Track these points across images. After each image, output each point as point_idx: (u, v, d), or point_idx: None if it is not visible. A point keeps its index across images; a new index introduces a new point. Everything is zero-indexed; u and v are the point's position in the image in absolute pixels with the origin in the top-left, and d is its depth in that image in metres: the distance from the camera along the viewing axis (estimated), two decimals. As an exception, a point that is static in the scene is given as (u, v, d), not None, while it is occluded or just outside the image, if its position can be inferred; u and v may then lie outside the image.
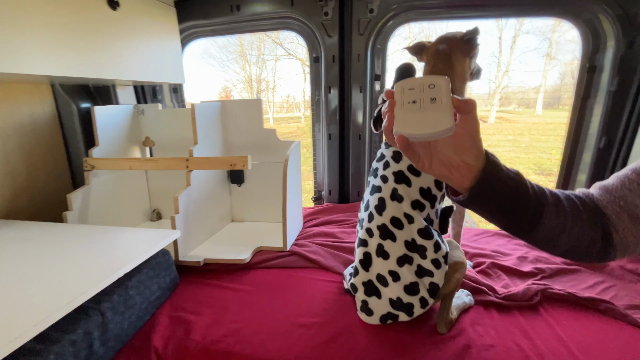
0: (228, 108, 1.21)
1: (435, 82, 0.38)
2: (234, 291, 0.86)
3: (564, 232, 0.44)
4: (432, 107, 0.37)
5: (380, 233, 0.73)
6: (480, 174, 0.42)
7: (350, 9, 1.18)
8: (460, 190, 0.44)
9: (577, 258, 0.48)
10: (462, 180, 0.43)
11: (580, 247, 0.46)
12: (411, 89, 0.39)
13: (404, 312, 0.70)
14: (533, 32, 8.92)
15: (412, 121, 0.38)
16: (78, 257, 0.72)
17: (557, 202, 0.44)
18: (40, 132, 1.09)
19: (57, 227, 0.90)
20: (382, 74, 1.28)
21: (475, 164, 0.42)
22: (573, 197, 0.46)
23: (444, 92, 0.38)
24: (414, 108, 0.38)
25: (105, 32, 0.96)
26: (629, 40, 0.97)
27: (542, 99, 10.66)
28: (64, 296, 0.57)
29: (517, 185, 0.43)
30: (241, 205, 1.31)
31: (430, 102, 0.38)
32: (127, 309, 0.71)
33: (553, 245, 0.46)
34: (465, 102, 0.38)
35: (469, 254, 1.05)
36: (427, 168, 0.43)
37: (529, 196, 0.43)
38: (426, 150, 0.42)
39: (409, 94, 0.39)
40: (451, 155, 0.42)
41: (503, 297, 0.82)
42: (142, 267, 0.77)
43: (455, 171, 0.42)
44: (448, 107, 0.37)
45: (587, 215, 0.45)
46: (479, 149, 0.41)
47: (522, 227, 0.45)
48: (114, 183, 1.17)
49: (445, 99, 0.37)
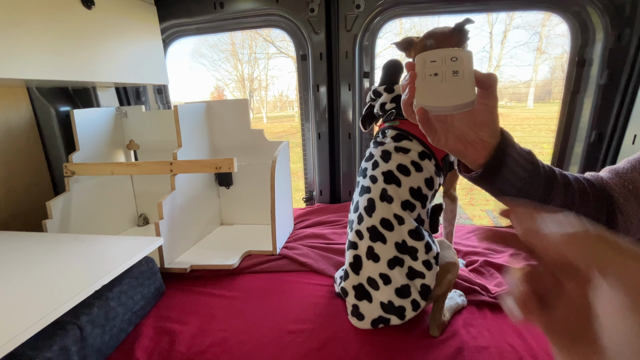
0: (214, 109, 1.18)
1: (458, 55, 0.37)
2: (221, 298, 0.84)
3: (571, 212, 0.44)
4: (454, 80, 0.37)
5: (370, 235, 0.71)
6: (494, 151, 0.42)
7: (336, 5, 1.15)
8: (473, 167, 0.44)
9: None
10: (477, 157, 0.42)
11: None
12: (433, 61, 0.38)
13: (395, 315, 0.69)
14: (523, 27, 8.96)
15: (433, 93, 0.37)
16: (54, 269, 0.69)
17: (566, 183, 0.45)
18: (17, 138, 1.05)
19: (34, 237, 0.86)
20: (371, 71, 1.26)
21: (491, 141, 0.41)
22: (582, 179, 0.47)
23: (466, 65, 0.37)
24: (436, 80, 0.37)
25: (81, 32, 0.92)
26: (618, 32, 0.96)
27: (533, 93, 10.76)
28: (36, 312, 0.54)
29: (529, 164, 0.43)
30: (230, 208, 1.28)
31: (452, 75, 0.37)
32: (108, 321, 0.68)
33: None
34: (488, 76, 0.38)
35: (461, 252, 1.04)
36: (442, 143, 0.42)
37: (540, 175, 0.43)
38: (443, 125, 0.42)
39: (431, 66, 0.38)
40: (467, 131, 0.41)
41: (496, 296, 0.80)
42: (124, 277, 0.74)
43: (470, 147, 0.42)
44: (470, 80, 0.36)
45: (594, 196, 0.45)
46: (496, 126, 0.41)
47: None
48: (97, 189, 1.14)
49: (467, 72, 0.37)
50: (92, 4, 0.92)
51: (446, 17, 1.19)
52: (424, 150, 0.76)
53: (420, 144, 0.76)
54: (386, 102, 0.82)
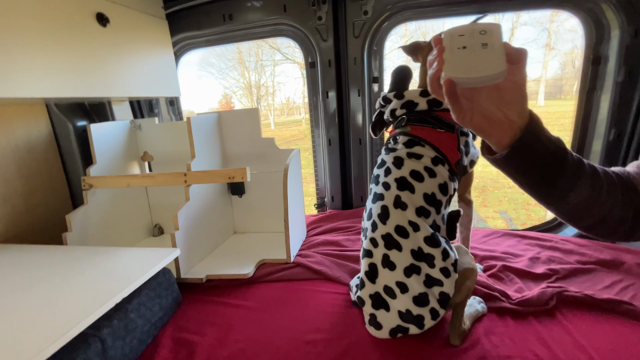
0: (225, 119, 1.19)
1: (487, 29, 0.37)
2: (237, 308, 0.84)
3: (596, 204, 0.43)
4: (484, 52, 0.36)
5: (385, 243, 0.71)
6: (521, 132, 0.40)
7: (344, 12, 1.16)
8: (498, 148, 0.43)
9: (602, 233, 0.47)
10: (502, 137, 0.41)
11: (608, 222, 0.44)
12: (461, 35, 0.37)
13: (414, 324, 0.67)
14: (531, 24, 8.84)
15: (462, 65, 0.37)
16: (75, 282, 0.70)
17: (594, 173, 0.43)
18: (37, 153, 1.08)
19: (54, 250, 0.88)
20: (380, 76, 1.26)
21: (518, 121, 0.40)
22: (610, 172, 0.45)
23: (496, 37, 0.36)
24: (465, 53, 0.37)
25: (97, 49, 0.95)
26: (634, 28, 0.93)
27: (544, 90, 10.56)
28: (60, 326, 0.55)
29: (557, 149, 0.41)
30: (243, 216, 1.29)
31: (482, 47, 0.36)
32: (128, 333, 0.69)
33: (580, 217, 0.45)
34: (518, 51, 0.37)
35: (478, 256, 1.02)
36: (467, 121, 0.42)
37: (567, 162, 0.42)
38: (468, 103, 0.41)
39: (459, 40, 0.37)
40: (494, 109, 0.40)
41: (517, 302, 0.78)
42: (143, 289, 0.75)
43: (496, 126, 0.41)
44: (500, 52, 0.36)
45: (621, 191, 0.43)
46: (524, 105, 0.40)
47: (555, 193, 0.44)
48: (114, 200, 1.16)
49: (497, 44, 0.36)
50: (107, 22, 0.94)
51: (453, 19, 1.18)
52: (437, 155, 0.75)
53: (433, 150, 0.75)
54: (396, 108, 0.82)
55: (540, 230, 1.22)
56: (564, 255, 0.99)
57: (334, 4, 1.15)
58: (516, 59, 0.37)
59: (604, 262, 0.94)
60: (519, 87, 0.39)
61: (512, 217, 4.08)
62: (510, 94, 0.39)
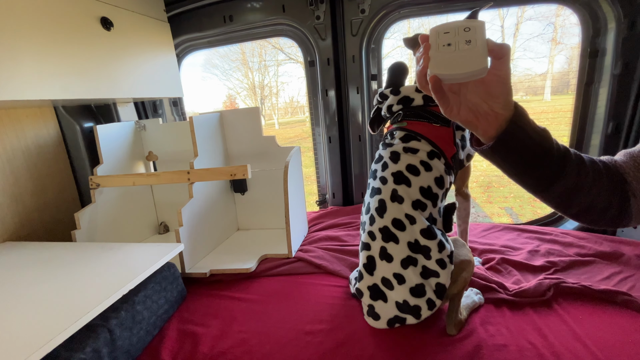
0: (227, 118, 1.22)
1: (471, 25, 0.38)
2: (240, 301, 0.86)
3: (582, 191, 0.44)
4: (467, 49, 0.38)
5: (383, 235, 0.72)
6: (506, 123, 0.42)
7: (341, 11, 1.18)
8: (485, 139, 0.45)
9: (590, 220, 0.48)
10: (488, 129, 0.43)
11: (595, 208, 0.46)
12: (446, 32, 0.39)
13: (411, 315, 0.69)
14: (536, 18, 8.71)
15: (446, 62, 0.38)
16: (84, 276, 0.73)
17: (579, 162, 0.44)
18: (46, 154, 1.12)
19: (63, 247, 0.92)
20: (379, 73, 1.27)
21: (503, 113, 0.42)
22: (597, 160, 0.46)
23: (479, 34, 0.38)
24: (449, 50, 0.39)
25: (102, 52, 0.98)
26: (630, 21, 0.93)
27: (550, 85, 10.41)
28: (70, 316, 0.58)
29: (542, 139, 0.43)
30: (246, 213, 1.31)
31: (465, 44, 0.38)
32: (135, 324, 0.72)
33: (569, 204, 0.46)
34: (500, 47, 0.38)
35: (477, 250, 1.03)
36: (454, 114, 0.43)
37: (553, 152, 0.43)
38: (456, 97, 0.43)
39: (444, 37, 0.39)
40: (480, 102, 0.42)
41: (514, 293, 0.79)
42: (149, 282, 0.78)
43: (482, 118, 0.43)
44: (483, 48, 0.38)
45: (607, 178, 0.45)
46: (509, 97, 0.41)
47: (542, 182, 0.45)
48: (121, 199, 1.19)
49: (480, 41, 0.38)
50: (111, 26, 0.98)
51: (454, 15, 1.19)
52: (433, 149, 0.76)
53: (429, 144, 0.77)
54: (393, 104, 0.83)
55: (540, 223, 1.23)
56: (563, 248, 1.00)
57: (332, 3, 1.17)
58: (499, 54, 0.38)
59: (603, 254, 0.95)
60: (504, 80, 0.40)
61: (517, 213, 4.05)
62: (496, 87, 0.40)
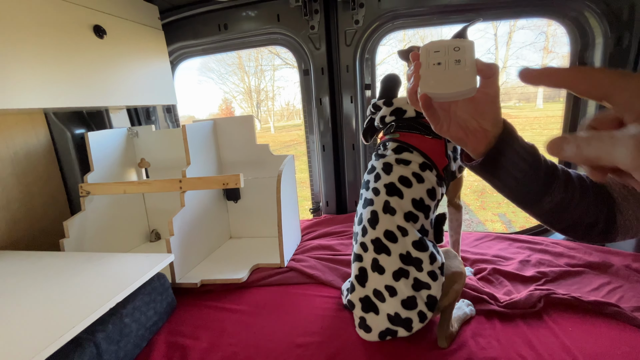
0: (220, 126, 1.21)
1: (461, 45, 0.39)
2: (231, 312, 0.85)
3: (570, 207, 0.45)
4: (456, 68, 0.38)
5: (375, 247, 0.72)
6: (495, 140, 0.43)
7: (336, 21, 1.19)
8: (475, 155, 0.45)
9: (578, 235, 0.49)
10: (477, 145, 0.44)
11: (582, 224, 0.46)
12: (436, 51, 0.40)
13: (402, 327, 0.69)
14: (528, 27, 8.94)
15: (436, 81, 0.39)
16: (70, 287, 0.72)
17: (567, 178, 0.45)
18: (36, 161, 1.10)
19: (50, 257, 0.90)
20: (372, 83, 1.28)
21: (492, 130, 0.42)
22: (584, 176, 0.47)
23: (468, 54, 0.38)
24: (439, 69, 0.39)
25: (94, 60, 0.97)
26: (617, 36, 0.95)
27: (542, 93, 10.63)
28: (55, 330, 0.57)
29: (530, 156, 0.44)
30: (239, 221, 1.31)
31: (455, 64, 0.38)
32: (123, 337, 0.70)
33: (557, 220, 0.47)
34: (489, 66, 0.39)
35: (469, 260, 1.03)
36: (444, 130, 0.44)
37: (541, 169, 0.44)
38: (446, 113, 0.43)
39: (434, 56, 0.40)
40: (469, 119, 0.43)
41: (505, 305, 0.80)
42: (138, 293, 0.77)
43: (471, 135, 0.43)
44: (472, 69, 0.38)
45: (594, 194, 0.45)
46: (497, 115, 0.42)
47: (530, 198, 0.46)
48: (111, 207, 1.18)
49: (469, 61, 0.38)
50: (104, 34, 0.97)
51: (447, 27, 1.21)
52: (425, 161, 0.77)
53: (421, 156, 0.77)
54: (386, 115, 0.84)
55: (531, 233, 1.24)
56: (554, 258, 1.01)
57: (326, 14, 1.18)
58: (488, 74, 0.39)
59: (592, 264, 0.96)
60: (493, 99, 0.41)
61: (510, 219, 4.09)
62: (485, 105, 0.41)
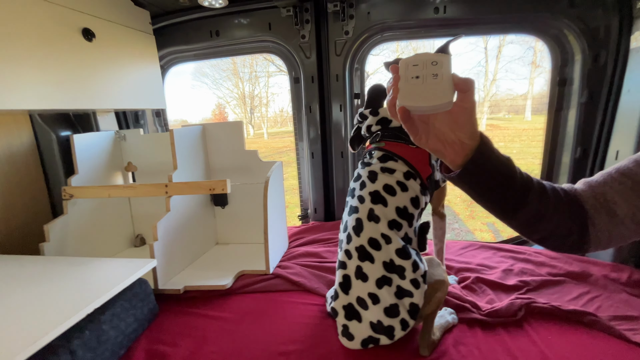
0: (210, 131, 1.21)
1: (438, 60, 0.40)
2: (213, 319, 0.84)
3: (544, 219, 0.46)
4: (434, 82, 0.40)
5: (359, 255, 0.73)
6: (472, 153, 0.44)
7: (326, 32, 1.21)
8: (453, 167, 0.47)
9: (553, 246, 0.50)
10: (455, 157, 0.45)
11: (557, 235, 0.48)
12: (415, 65, 0.41)
13: (385, 335, 0.69)
14: (517, 42, 9.22)
15: (414, 94, 0.40)
16: (47, 293, 0.70)
17: (541, 191, 0.46)
18: (18, 163, 1.08)
19: (28, 261, 0.88)
20: (361, 92, 1.30)
21: (469, 143, 0.44)
22: (558, 188, 0.48)
23: (445, 68, 0.40)
24: (417, 83, 0.40)
25: (82, 63, 0.97)
26: (594, 54, 1.00)
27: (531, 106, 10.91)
28: (28, 337, 0.55)
29: (506, 168, 0.45)
30: (226, 227, 1.30)
31: (432, 78, 0.40)
32: (100, 344, 0.69)
33: (532, 230, 0.49)
34: (464, 81, 0.40)
35: (454, 268, 1.04)
36: (423, 142, 0.45)
37: (516, 181, 0.45)
38: (424, 126, 0.45)
39: (413, 69, 0.41)
40: (447, 131, 0.44)
41: (487, 313, 0.81)
42: (118, 299, 0.76)
43: (449, 147, 0.45)
44: (448, 83, 0.40)
45: (568, 206, 0.47)
46: (474, 128, 0.43)
47: (506, 209, 0.47)
48: (96, 211, 1.16)
49: (446, 75, 0.40)
50: (92, 37, 0.97)
51: (433, 40, 1.24)
52: (409, 170, 0.78)
53: (406, 165, 0.78)
54: (372, 125, 0.85)
55: (516, 242, 1.26)
56: (536, 267, 1.03)
57: (317, 24, 1.20)
58: (464, 88, 0.41)
59: (573, 274, 0.98)
60: (469, 112, 0.42)
61: (499, 229, 4.14)
62: (462, 118, 0.43)
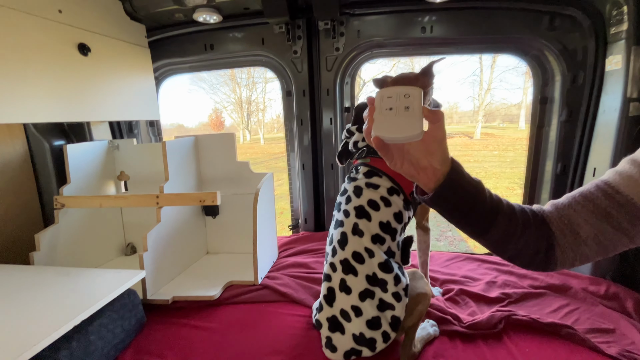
0: (202, 142, 1.24)
1: (410, 93, 0.44)
2: (201, 330, 0.85)
3: (513, 239, 0.50)
4: (406, 115, 0.44)
5: (343, 267, 0.75)
6: (444, 177, 0.47)
7: (317, 47, 1.25)
8: (426, 190, 0.50)
9: (522, 264, 0.54)
10: (428, 182, 0.49)
11: (525, 254, 0.51)
12: (389, 97, 0.45)
13: (367, 347, 0.71)
14: (510, 53, 9.35)
15: (387, 125, 0.44)
16: (34, 303, 0.71)
17: (510, 212, 0.50)
18: (10, 172, 1.09)
19: (17, 270, 0.88)
20: (352, 106, 1.34)
21: (441, 168, 0.47)
22: (527, 210, 0.52)
23: (416, 102, 0.44)
24: (391, 114, 0.44)
25: (77, 77, 0.99)
26: (573, 75, 1.04)
27: (524, 115, 11.08)
28: (15, 348, 0.56)
29: (476, 192, 0.48)
30: (216, 237, 1.31)
31: (404, 110, 0.44)
32: (87, 355, 0.70)
33: (503, 249, 0.52)
34: (434, 113, 0.44)
35: (439, 280, 1.07)
36: (398, 167, 0.49)
37: (486, 203, 0.49)
38: (399, 152, 0.48)
39: (387, 101, 0.45)
40: (420, 158, 0.47)
41: (467, 325, 0.83)
42: (105, 310, 0.77)
43: (422, 172, 0.48)
44: (419, 115, 0.43)
45: (535, 227, 0.50)
46: (445, 155, 0.47)
47: (477, 229, 0.51)
48: (87, 220, 1.17)
49: (417, 108, 0.44)
50: (88, 51, 0.99)
51: (420, 58, 1.28)
52: (393, 186, 0.81)
53: (390, 180, 0.81)
54: (358, 141, 0.88)
55: (500, 254, 1.29)
56: (518, 280, 1.05)
57: (309, 40, 1.24)
58: (434, 120, 0.45)
59: (553, 286, 1.01)
60: (440, 141, 0.46)
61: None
62: (433, 146, 0.46)
